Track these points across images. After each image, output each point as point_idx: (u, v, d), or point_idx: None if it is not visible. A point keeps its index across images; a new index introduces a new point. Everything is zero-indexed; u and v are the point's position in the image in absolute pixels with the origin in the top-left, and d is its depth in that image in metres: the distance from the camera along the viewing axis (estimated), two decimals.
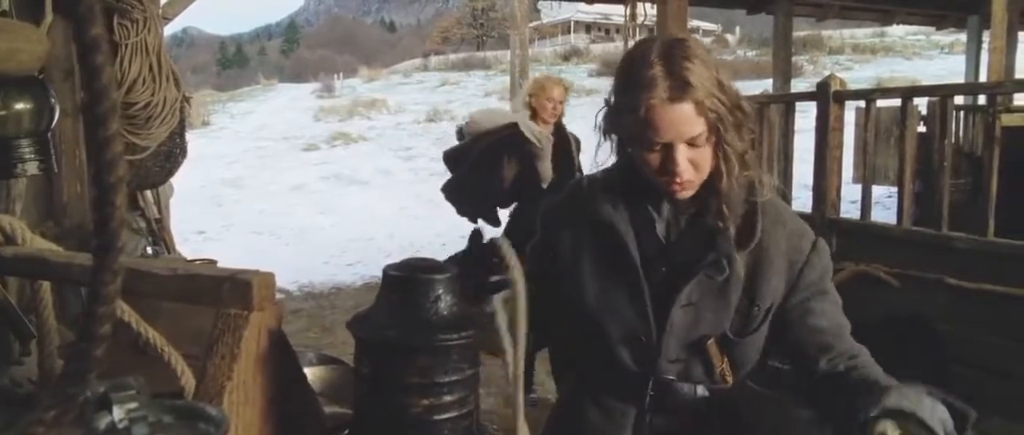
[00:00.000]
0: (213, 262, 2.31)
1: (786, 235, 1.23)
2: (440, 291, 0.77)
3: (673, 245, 1.23)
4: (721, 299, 1.20)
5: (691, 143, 1.13)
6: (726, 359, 1.21)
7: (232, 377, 0.78)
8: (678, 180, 1.15)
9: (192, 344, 1.17)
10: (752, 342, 1.23)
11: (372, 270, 7.79)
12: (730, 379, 1.22)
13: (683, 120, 1.11)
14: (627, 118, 1.15)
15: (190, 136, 3.26)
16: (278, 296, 0.88)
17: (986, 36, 7.19)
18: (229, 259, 6.36)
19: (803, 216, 4.32)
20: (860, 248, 4.09)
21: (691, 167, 1.14)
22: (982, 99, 5.96)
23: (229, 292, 0.83)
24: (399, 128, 19.95)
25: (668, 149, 1.13)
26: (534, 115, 3.80)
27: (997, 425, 2.78)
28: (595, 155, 1.27)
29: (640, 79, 1.11)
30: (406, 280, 0.79)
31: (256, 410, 0.81)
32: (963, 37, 10.03)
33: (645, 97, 1.10)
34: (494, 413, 3.56)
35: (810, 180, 4.52)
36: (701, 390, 1.23)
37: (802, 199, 4.55)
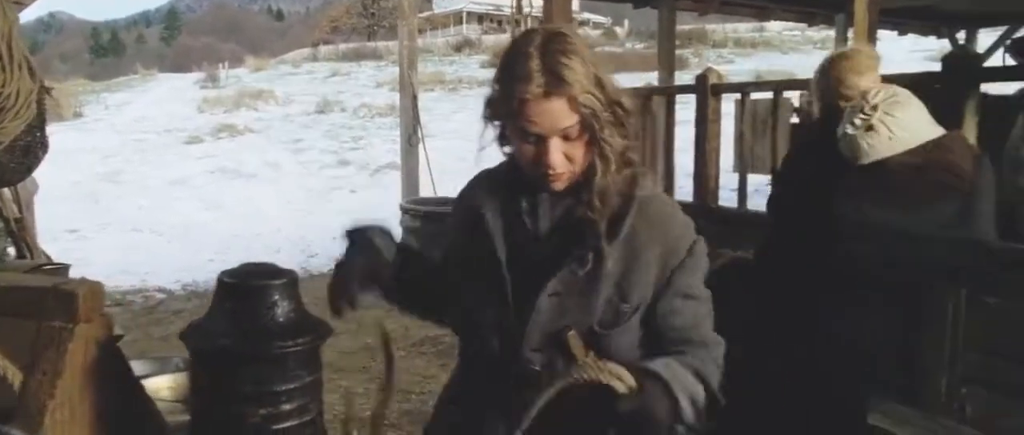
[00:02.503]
0: (66, 267, 2.17)
1: (663, 235, 1.23)
2: (276, 297, 0.75)
3: (545, 236, 1.24)
4: (587, 292, 1.21)
5: (565, 136, 1.15)
6: (591, 353, 1.21)
7: (56, 395, 0.72)
8: (551, 172, 1.16)
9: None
10: (622, 337, 1.24)
11: None
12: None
13: (555, 114, 1.13)
14: (503, 108, 1.17)
15: (60, 129, 3.06)
16: (159, 296, 0.83)
17: (851, 33, 7.61)
18: (105, 259, 6.04)
19: (684, 205, 4.43)
20: (738, 235, 4.25)
21: (565, 160, 1.16)
22: None
23: (52, 304, 0.77)
24: (288, 120, 19.37)
25: (542, 141, 1.15)
26: None
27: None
28: (480, 141, 1.27)
29: (517, 71, 1.13)
30: (240, 287, 0.75)
31: (84, 428, 0.75)
32: (833, 33, 10.60)
33: (520, 89, 1.12)
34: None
35: (692, 170, 4.67)
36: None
37: (685, 189, 4.70)
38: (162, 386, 1.57)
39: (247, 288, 0.78)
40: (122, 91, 26.30)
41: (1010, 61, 3.00)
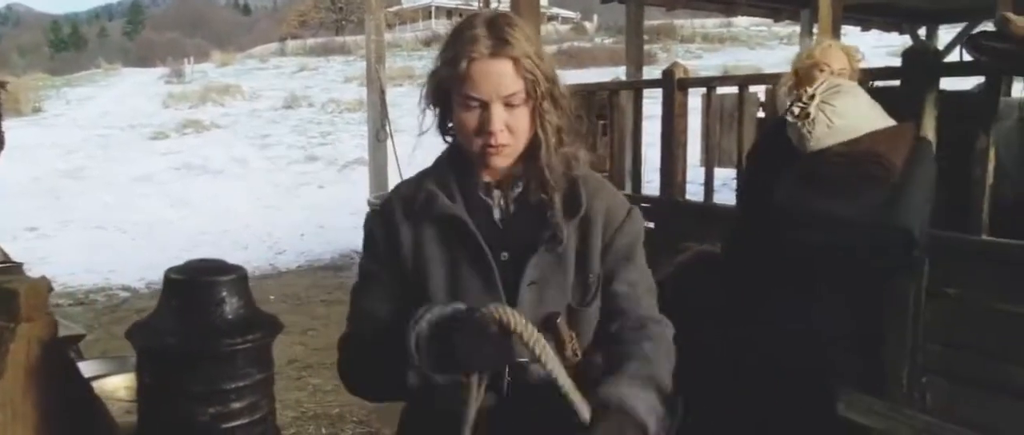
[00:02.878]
0: (19, 265, 2.12)
1: (605, 204, 1.29)
2: (224, 294, 0.73)
3: (508, 228, 1.25)
4: (561, 272, 1.24)
5: (508, 103, 1.17)
6: (574, 334, 1.22)
7: None
8: (494, 142, 1.18)
9: None
10: (593, 312, 1.27)
11: None
12: (579, 354, 1.24)
13: (501, 75, 1.15)
14: (448, 73, 1.18)
15: (18, 124, 2.98)
16: (123, 294, 0.80)
17: (816, 29, 7.70)
18: (67, 257, 5.92)
19: (652, 199, 4.45)
20: (704, 229, 4.28)
21: (507, 131, 1.18)
22: None
23: None
24: (255, 115, 19.16)
25: (485, 108, 1.17)
26: None
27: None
28: (420, 124, 1.28)
29: (463, 38, 1.17)
30: (187, 284, 0.73)
31: (28, 430, 0.73)
32: (799, 29, 10.71)
33: (467, 52, 1.15)
34: None
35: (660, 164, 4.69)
36: None
37: (654, 183, 4.72)
38: (119, 385, 1.54)
39: (194, 285, 0.76)
40: (84, 86, 25.81)
41: (968, 57, 3.05)
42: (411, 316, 1.12)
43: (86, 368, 1.85)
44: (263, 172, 13.57)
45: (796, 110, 2.23)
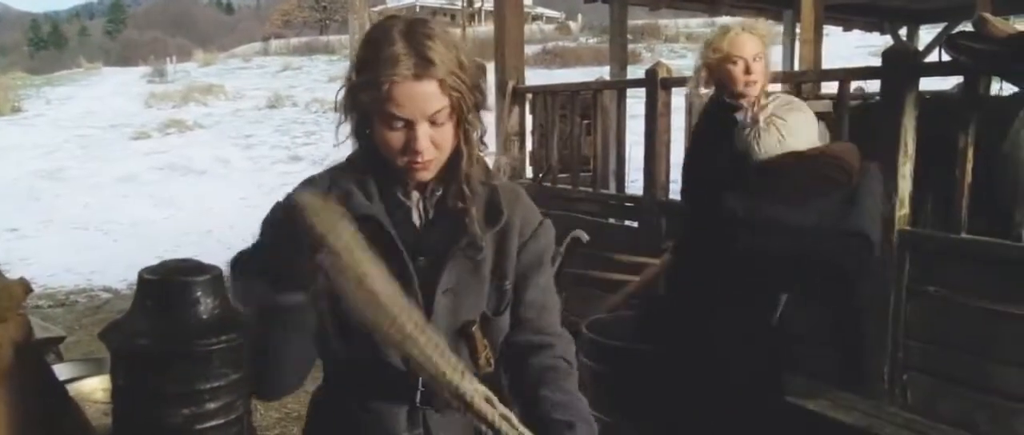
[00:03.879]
0: None
1: (521, 212, 1.28)
2: (199, 294, 0.72)
3: (426, 232, 1.22)
4: (476, 281, 1.23)
5: (433, 121, 1.13)
6: (487, 343, 1.23)
7: None
8: (419, 160, 1.14)
9: None
10: (505, 320, 1.27)
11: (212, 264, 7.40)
12: (493, 364, 1.23)
13: (425, 98, 1.10)
14: (369, 96, 1.12)
15: None
16: (104, 295, 0.79)
17: (798, 29, 7.75)
18: (48, 259, 5.86)
19: (636, 198, 4.44)
20: None
21: (433, 146, 1.14)
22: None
23: None
24: (238, 115, 19.06)
25: (410, 127, 1.12)
26: None
27: (801, 384, 3.00)
28: (336, 134, 1.23)
29: (382, 56, 1.10)
30: (161, 284, 0.73)
31: (1, 432, 0.72)
32: (781, 28, 10.78)
33: (388, 74, 1.09)
34: None
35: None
36: None
37: (638, 182, 4.72)
38: (97, 387, 1.53)
39: (168, 285, 0.75)
40: (64, 85, 25.57)
41: (947, 57, 3.08)
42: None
43: (63, 370, 1.84)
44: (247, 172, 13.49)
45: (750, 124, 2.24)
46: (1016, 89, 3.22)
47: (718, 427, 2.44)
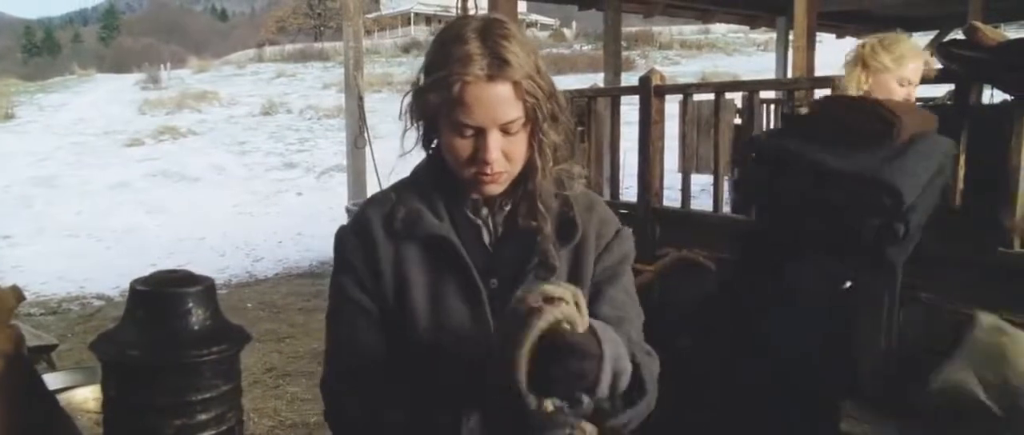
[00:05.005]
0: None
1: (597, 221, 1.19)
2: (190, 305, 0.72)
3: (497, 252, 1.15)
4: None
5: (505, 130, 1.04)
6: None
7: None
8: (489, 171, 1.06)
9: None
10: None
11: (204, 272, 7.11)
12: None
13: (500, 102, 1.02)
14: (438, 97, 1.04)
15: None
16: (97, 303, 0.79)
17: (792, 36, 7.79)
18: (40, 266, 5.82)
19: (630, 205, 4.45)
20: (681, 235, 4.30)
21: (503, 158, 1.06)
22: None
23: None
24: (232, 121, 19.04)
25: (480, 135, 1.04)
26: None
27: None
28: (401, 142, 1.14)
29: (454, 55, 1.01)
30: (153, 295, 0.72)
31: None
32: (775, 35, 10.83)
33: (460, 73, 1.00)
34: None
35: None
36: None
37: (633, 189, 4.74)
38: (89, 397, 1.52)
39: (160, 296, 0.75)
40: (58, 92, 25.52)
41: (938, 65, 3.10)
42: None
43: (55, 379, 1.84)
44: (241, 179, 13.47)
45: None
46: (1007, 96, 3.23)
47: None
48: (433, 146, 1.15)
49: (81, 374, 1.86)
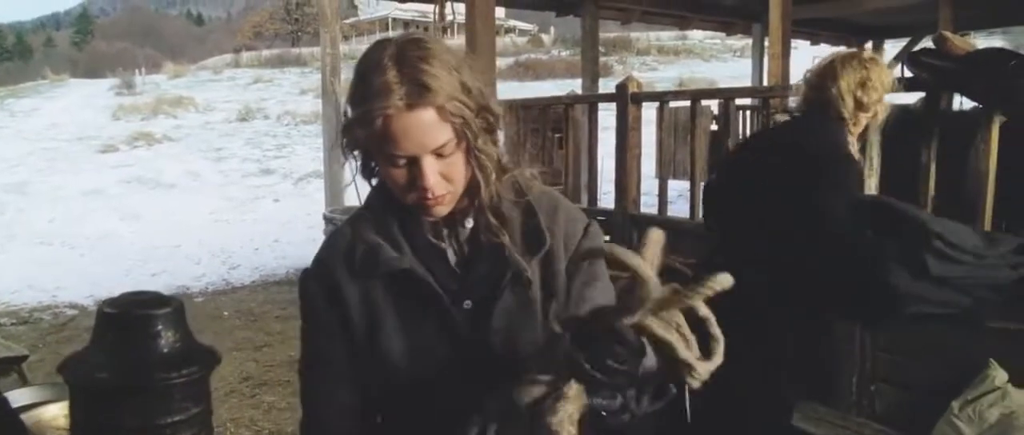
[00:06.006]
0: None
1: (562, 222, 1.15)
2: (160, 327, 0.71)
3: (466, 273, 1.11)
4: (529, 313, 1.10)
5: (438, 154, 1.01)
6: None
7: None
8: (430, 196, 1.03)
9: None
10: None
11: (180, 280, 7.30)
12: None
13: (425, 129, 0.99)
14: (364, 132, 1.01)
15: None
16: (70, 312, 0.77)
17: (767, 42, 7.87)
18: (10, 275, 5.72)
19: (606, 212, 4.47)
20: None
21: (443, 180, 1.03)
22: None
23: None
24: (208, 127, 18.86)
25: (414, 163, 1.01)
26: None
27: None
28: (350, 172, 1.16)
29: (373, 87, 0.98)
30: (121, 317, 0.72)
31: None
32: (751, 41, 10.93)
33: (380, 107, 0.97)
34: None
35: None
36: None
37: (610, 195, 4.76)
38: (59, 414, 1.49)
39: (128, 318, 0.74)
40: (29, 97, 25.13)
41: (908, 73, 3.15)
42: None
43: (25, 395, 1.80)
44: (217, 185, 13.34)
45: None
46: (976, 104, 3.29)
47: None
48: (376, 174, 1.12)
49: (50, 390, 1.82)
